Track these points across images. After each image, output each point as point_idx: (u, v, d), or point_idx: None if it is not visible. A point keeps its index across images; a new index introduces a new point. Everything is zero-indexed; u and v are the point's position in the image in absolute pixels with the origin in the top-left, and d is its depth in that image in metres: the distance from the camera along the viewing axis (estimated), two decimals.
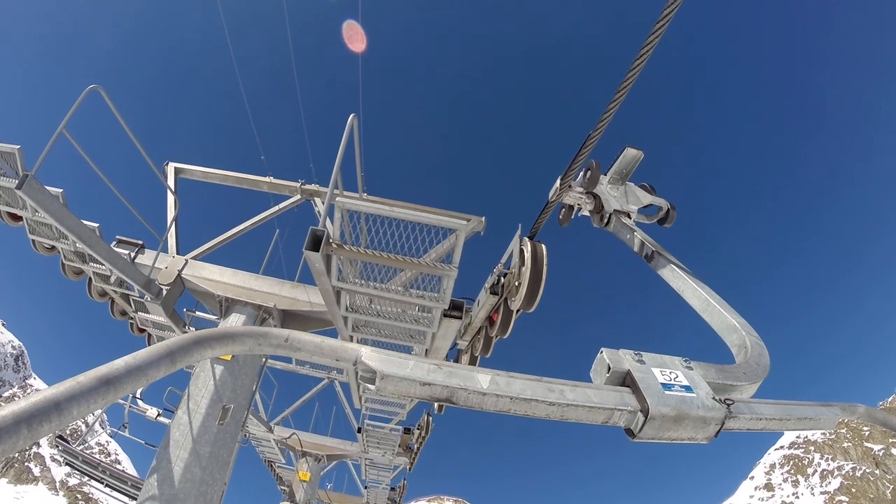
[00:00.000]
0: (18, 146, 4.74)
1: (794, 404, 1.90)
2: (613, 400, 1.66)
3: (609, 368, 1.78)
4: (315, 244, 3.65)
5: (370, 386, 1.56)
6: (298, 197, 7.57)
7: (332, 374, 10.95)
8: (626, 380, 1.76)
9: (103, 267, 6.09)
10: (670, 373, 1.79)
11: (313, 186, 7.57)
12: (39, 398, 0.99)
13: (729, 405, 1.69)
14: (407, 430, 11.19)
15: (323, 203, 4.74)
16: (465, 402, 1.57)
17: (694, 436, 1.65)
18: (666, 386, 1.72)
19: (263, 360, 6.39)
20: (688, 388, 1.73)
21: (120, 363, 1.13)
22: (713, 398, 1.70)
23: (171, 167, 7.49)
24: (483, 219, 6.48)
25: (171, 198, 6.94)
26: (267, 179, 7.65)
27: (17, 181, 4.33)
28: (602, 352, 1.84)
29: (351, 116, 4.37)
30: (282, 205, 7.53)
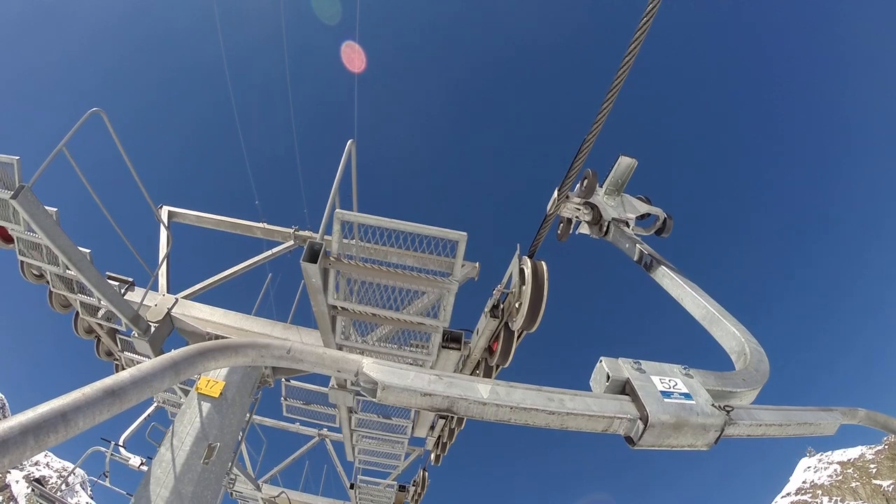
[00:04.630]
0: (17, 157, 4.73)
1: (794, 410, 1.91)
2: (613, 408, 1.67)
3: (608, 377, 1.79)
4: (313, 257, 3.65)
5: (371, 398, 1.57)
6: (291, 242, 7.54)
7: (323, 432, 10.68)
8: (625, 388, 1.77)
9: (91, 298, 5.98)
10: (669, 380, 1.81)
11: (307, 233, 7.54)
12: (46, 409, 1.01)
13: (728, 412, 1.70)
14: (402, 488, 10.64)
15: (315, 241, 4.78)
16: (466, 411, 1.58)
17: (694, 443, 1.66)
18: (665, 394, 1.73)
19: (252, 401, 6.23)
20: (687, 396, 1.74)
21: (125, 374, 1.15)
22: (712, 405, 1.71)
23: (164, 210, 7.43)
24: (477, 264, 6.46)
25: (163, 234, 6.86)
26: (261, 225, 7.62)
27: (12, 192, 4.33)
28: (601, 360, 1.86)
29: (349, 142, 4.42)
30: (274, 250, 7.49)
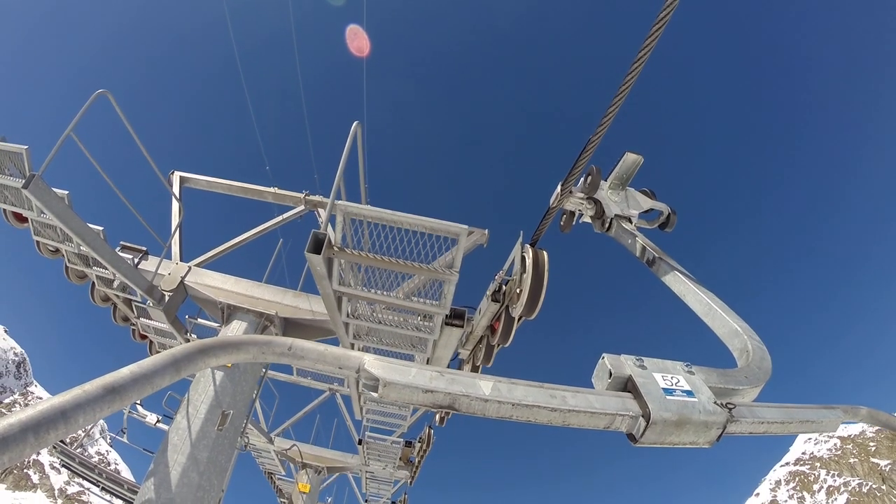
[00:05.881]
0: (26, 146, 4.76)
1: (796, 407, 1.90)
2: (615, 405, 1.66)
3: (611, 374, 1.78)
4: (317, 247, 3.66)
5: (373, 394, 1.57)
6: (302, 208, 7.56)
7: (334, 386, 10.82)
8: (627, 385, 1.77)
9: (106, 271, 6.10)
10: (672, 377, 1.80)
11: (317, 197, 7.56)
12: (46, 406, 1.00)
13: (731, 409, 1.69)
14: (408, 444, 11.09)
15: (323, 219, 4.78)
16: (468, 408, 1.58)
17: (696, 440, 1.66)
18: (667, 391, 1.72)
19: (264, 368, 6.37)
20: (689, 393, 1.73)
21: (125, 372, 1.14)
22: (715, 402, 1.70)
23: (176, 176, 7.48)
24: (486, 231, 6.44)
25: (175, 205, 6.95)
26: (271, 190, 7.65)
27: (23, 181, 4.35)
28: (603, 357, 1.85)
29: (354, 124, 4.38)
30: (285, 215, 7.52)
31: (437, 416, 8.85)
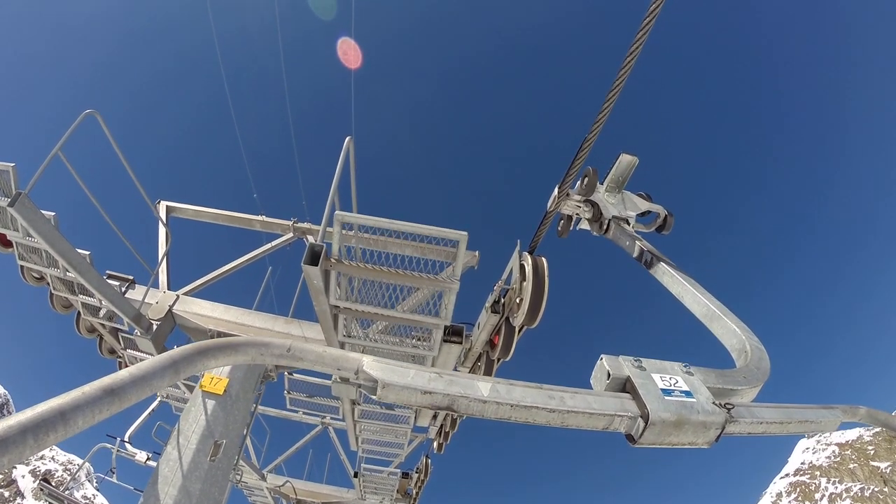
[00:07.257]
0: (13, 164, 4.68)
1: (795, 407, 1.90)
2: (614, 406, 1.66)
3: (609, 375, 1.78)
4: (314, 259, 3.64)
5: (371, 395, 1.57)
6: (291, 235, 7.51)
7: (327, 420, 10.68)
8: (626, 386, 1.77)
9: (93, 298, 5.93)
10: (670, 378, 1.80)
11: (306, 224, 7.53)
12: (45, 408, 1.00)
13: (729, 409, 1.69)
14: (405, 475, 10.82)
15: (315, 241, 4.78)
16: (466, 409, 1.58)
17: (695, 440, 1.66)
18: (666, 391, 1.72)
19: (256, 395, 6.23)
20: (688, 394, 1.73)
21: (124, 373, 1.14)
22: (713, 403, 1.71)
23: (162, 205, 7.42)
24: (476, 253, 6.44)
25: (162, 232, 6.84)
26: (259, 218, 7.62)
27: (9, 200, 4.28)
28: (602, 358, 1.85)
29: (347, 139, 4.40)
30: (274, 243, 7.47)
31: (435, 444, 8.66)
